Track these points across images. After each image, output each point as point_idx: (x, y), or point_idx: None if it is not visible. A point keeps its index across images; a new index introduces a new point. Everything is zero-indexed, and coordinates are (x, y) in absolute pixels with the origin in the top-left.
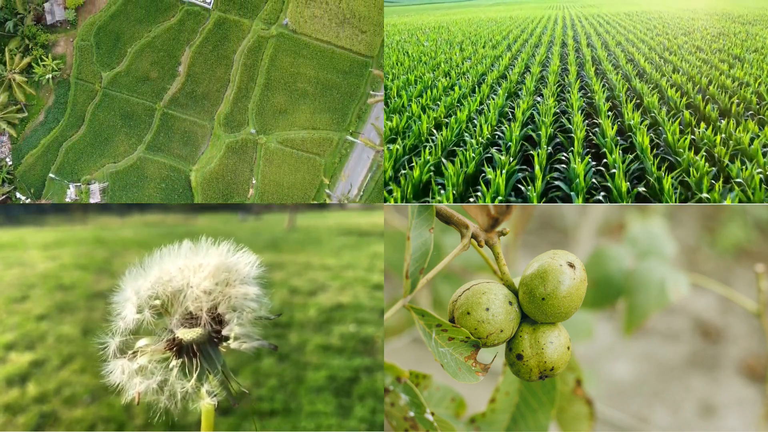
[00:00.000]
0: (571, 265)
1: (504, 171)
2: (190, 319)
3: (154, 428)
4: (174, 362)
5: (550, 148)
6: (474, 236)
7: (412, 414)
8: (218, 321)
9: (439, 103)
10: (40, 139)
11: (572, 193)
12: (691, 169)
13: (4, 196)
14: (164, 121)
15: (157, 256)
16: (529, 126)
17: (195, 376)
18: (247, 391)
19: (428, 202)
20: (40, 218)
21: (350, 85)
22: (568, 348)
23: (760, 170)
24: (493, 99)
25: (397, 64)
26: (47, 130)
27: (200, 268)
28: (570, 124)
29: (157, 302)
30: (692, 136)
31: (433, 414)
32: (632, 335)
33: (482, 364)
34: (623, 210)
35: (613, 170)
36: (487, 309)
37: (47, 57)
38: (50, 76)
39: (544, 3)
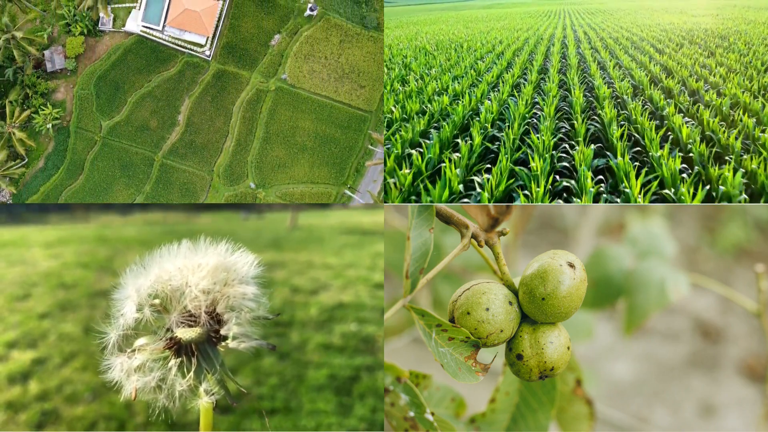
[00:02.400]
0: (571, 265)
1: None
2: (189, 318)
3: (154, 426)
4: (173, 361)
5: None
6: (474, 236)
7: (412, 414)
8: (217, 320)
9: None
10: (39, 186)
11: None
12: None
13: None
14: (163, 171)
15: (157, 255)
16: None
17: (193, 375)
18: (245, 390)
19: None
20: (42, 217)
21: (349, 139)
22: (568, 348)
23: None
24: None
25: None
26: (47, 176)
27: (199, 267)
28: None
29: (157, 301)
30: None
31: (433, 414)
32: (632, 335)
33: (482, 364)
34: (623, 210)
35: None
36: (487, 309)
37: (47, 106)
38: (50, 125)
39: (543, 6)
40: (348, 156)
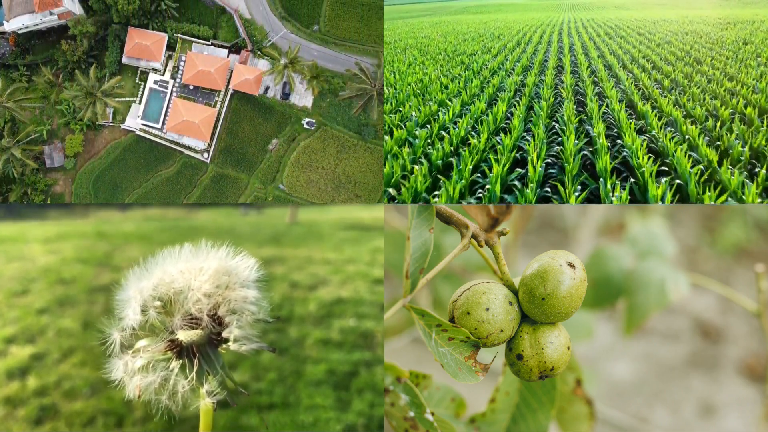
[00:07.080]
0: (571, 265)
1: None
2: (191, 321)
3: (153, 423)
4: (175, 363)
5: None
6: (474, 236)
7: (412, 414)
8: (218, 323)
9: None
10: None
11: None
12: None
13: None
14: None
15: (159, 257)
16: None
17: (195, 376)
18: (245, 392)
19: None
20: (41, 212)
21: None
22: (568, 348)
23: None
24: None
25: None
26: None
27: (201, 271)
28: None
29: (159, 303)
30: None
31: (433, 414)
32: (632, 335)
33: (482, 364)
34: (623, 210)
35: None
36: (487, 309)
37: (47, 203)
38: None
39: (536, 13)
40: None
